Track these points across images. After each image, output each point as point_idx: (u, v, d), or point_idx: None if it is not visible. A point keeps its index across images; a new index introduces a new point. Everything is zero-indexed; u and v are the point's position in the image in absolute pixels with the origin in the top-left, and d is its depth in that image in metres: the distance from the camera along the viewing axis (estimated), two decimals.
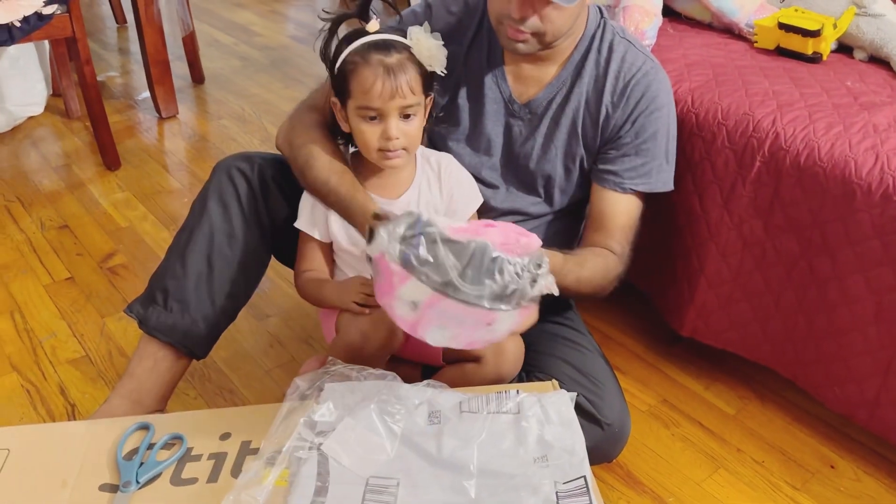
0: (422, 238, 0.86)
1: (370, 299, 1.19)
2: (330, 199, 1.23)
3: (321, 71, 1.23)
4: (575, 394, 1.09)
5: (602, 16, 1.30)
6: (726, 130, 1.36)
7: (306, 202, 1.28)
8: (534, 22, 1.16)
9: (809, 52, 1.54)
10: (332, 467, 0.96)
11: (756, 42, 1.63)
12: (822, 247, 1.29)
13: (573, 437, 0.98)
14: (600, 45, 1.28)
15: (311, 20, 3.89)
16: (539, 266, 0.89)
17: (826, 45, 1.55)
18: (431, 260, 0.85)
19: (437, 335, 0.93)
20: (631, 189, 1.28)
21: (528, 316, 0.96)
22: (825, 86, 1.43)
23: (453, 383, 1.13)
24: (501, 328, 0.91)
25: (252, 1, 4.13)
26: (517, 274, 0.86)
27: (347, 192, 1.22)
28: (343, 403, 1.02)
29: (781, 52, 1.58)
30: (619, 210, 1.28)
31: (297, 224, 1.29)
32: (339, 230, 1.26)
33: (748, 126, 1.34)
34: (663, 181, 1.30)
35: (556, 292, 0.91)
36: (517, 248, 0.89)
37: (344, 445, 0.98)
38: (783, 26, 1.55)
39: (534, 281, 0.88)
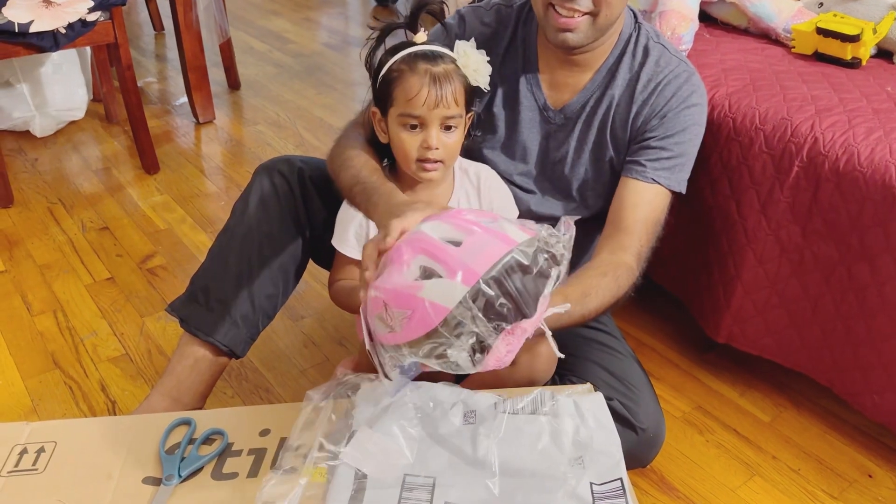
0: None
1: None
2: (356, 192, 1.17)
3: (354, 78, 1.25)
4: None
5: (637, 20, 1.30)
6: (764, 135, 1.36)
7: (343, 220, 1.28)
8: (586, 1, 1.15)
9: (848, 57, 1.53)
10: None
11: (794, 47, 1.62)
12: (861, 253, 1.28)
13: (609, 439, 0.98)
14: (635, 48, 1.28)
15: (344, 28, 3.93)
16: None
17: (865, 50, 1.54)
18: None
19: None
20: (654, 179, 1.25)
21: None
22: (864, 91, 1.42)
23: (485, 386, 1.13)
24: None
25: (286, 9, 4.19)
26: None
27: (374, 183, 1.16)
28: (373, 405, 1.03)
29: (820, 57, 1.58)
30: (641, 201, 1.24)
31: (333, 242, 1.29)
32: None
33: (786, 131, 1.34)
34: (678, 181, 1.27)
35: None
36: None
37: (364, 453, 0.98)
38: (821, 31, 1.55)
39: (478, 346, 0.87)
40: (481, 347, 0.87)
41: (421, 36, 1.18)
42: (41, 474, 1.02)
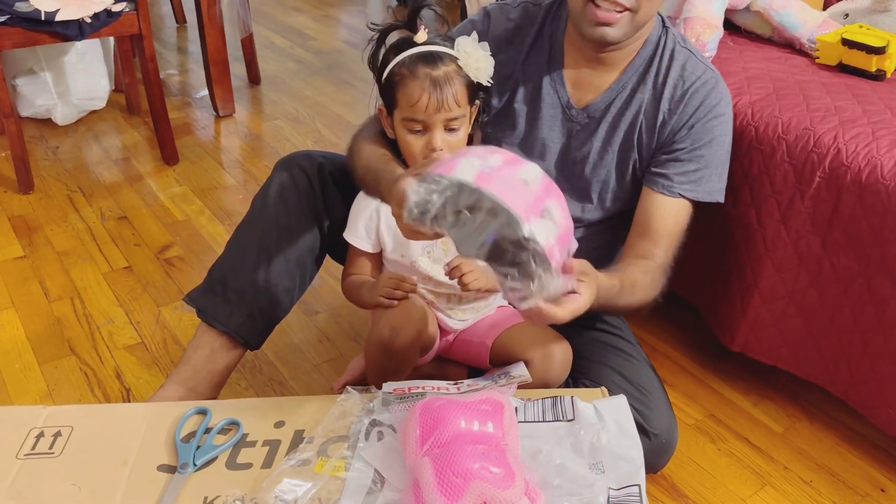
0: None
1: (397, 292, 1.20)
2: (369, 181, 1.19)
3: (373, 76, 1.25)
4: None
5: (664, 24, 1.30)
6: (786, 145, 1.35)
7: (355, 212, 1.29)
8: None
9: (873, 69, 1.52)
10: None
11: (818, 58, 1.61)
12: (882, 266, 1.27)
13: (630, 445, 0.98)
14: (662, 52, 1.28)
15: (364, 25, 3.93)
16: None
17: (891, 63, 1.53)
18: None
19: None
20: (680, 194, 1.26)
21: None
22: (889, 103, 1.41)
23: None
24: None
25: (307, 5, 4.20)
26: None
27: (383, 168, 1.17)
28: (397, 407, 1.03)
29: (844, 68, 1.57)
30: (667, 214, 1.26)
31: (344, 235, 1.30)
32: (388, 240, 1.28)
33: (809, 141, 1.33)
34: (709, 191, 1.28)
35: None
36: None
37: (383, 454, 0.99)
38: (847, 42, 1.54)
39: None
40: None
41: (421, 35, 1.18)
42: (57, 458, 1.03)
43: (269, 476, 0.96)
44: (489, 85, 1.21)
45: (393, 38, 1.22)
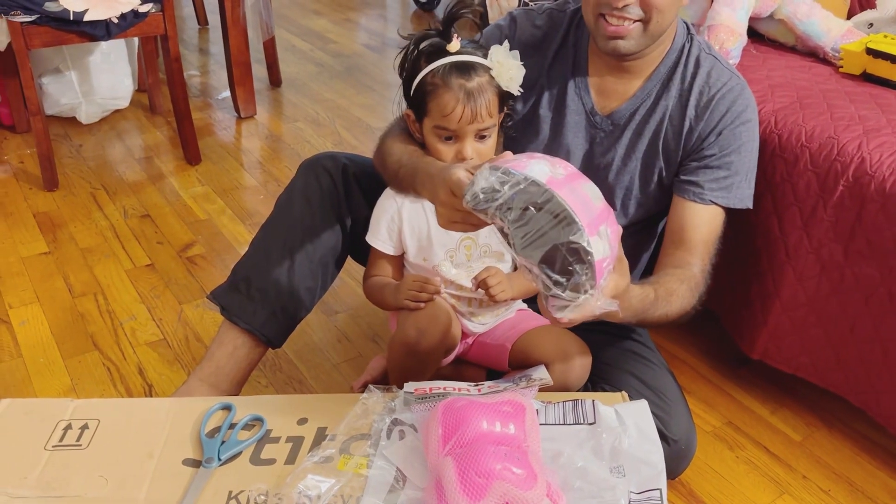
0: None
1: (422, 294, 1.21)
2: (402, 176, 1.20)
3: (392, 79, 1.27)
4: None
5: (689, 31, 1.31)
6: (809, 153, 1.35)
7: (378, 215, 1.30)
8: (635, 8, 1.16)
9: None
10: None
11: (841, 66, 1.61)
12: None
13: (651, 449, 0.98)
14: (687, 59, 1.28)
15: (383, 29, 3.97)
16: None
17: None
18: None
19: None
20: (711, 200, 1.26)
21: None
22: None
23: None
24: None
25: (328, 9, 4.23)
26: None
27: (419, 158, 1.18)
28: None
29: (868, 77, 1.57)
30: (700, 222, 1.26)
31: (367, 238, 1.31)
32: (410, 243, 1.29)
33: (832, 150, 1.33)
34: (740, 197, 1.28)
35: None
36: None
37: (406, 454, 0.99)
38: (871, 52, 1.54)
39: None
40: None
41: (454, 44, 1.17)
42: (84, 450, 1.05)
43: (294, 472, 0.97)
44: (519, 94, 1.21)
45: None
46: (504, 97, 1.21)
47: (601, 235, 0.87)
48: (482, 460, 0.87)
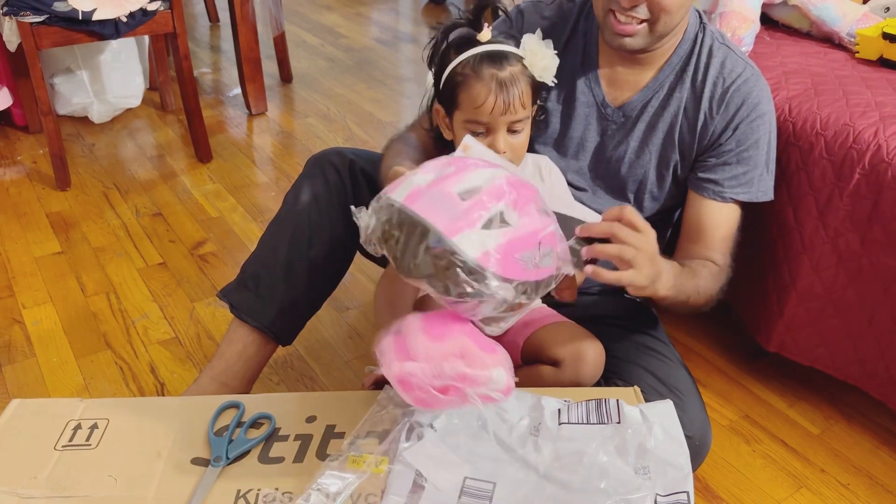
0: None
1: None
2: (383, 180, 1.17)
3: (404, 73, 1.25)
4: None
5: (701, 20, 1.28)
6: (825, 141, 1.33)
7: None
8: (643, 9, 1.14)
9: None
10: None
11: (857, 52, 1.58)
12: None
13: (678, 451, 0.95)
14: (700, 49, 1.26)
15: (394, 24, 3.95)
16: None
17: None
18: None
19: None
20: (731, 198, 1.24)
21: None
22: None
23: (528, 384, 1.12)
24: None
25: (339, 4, 4.22)
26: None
27: (389, 159, 1.16)
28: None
29: (884, 62, 1.53)
30: (720, 220, 1.25)
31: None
32: None
33: (848, 137, 1.30)
34: (763, 190, 1.27)
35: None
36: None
37: (426, 456, 0.98)
38: (887, 36, 1.50)
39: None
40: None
41: (485, 34, 1.14)
42: (94, 450, 1.04)
43: (319, 471, 0.95)
44: (553, 84, 1.19)
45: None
46: (537, 88, 1.17)
47: (493, 221, 0.83)
48: (449, 317, 0.88)
